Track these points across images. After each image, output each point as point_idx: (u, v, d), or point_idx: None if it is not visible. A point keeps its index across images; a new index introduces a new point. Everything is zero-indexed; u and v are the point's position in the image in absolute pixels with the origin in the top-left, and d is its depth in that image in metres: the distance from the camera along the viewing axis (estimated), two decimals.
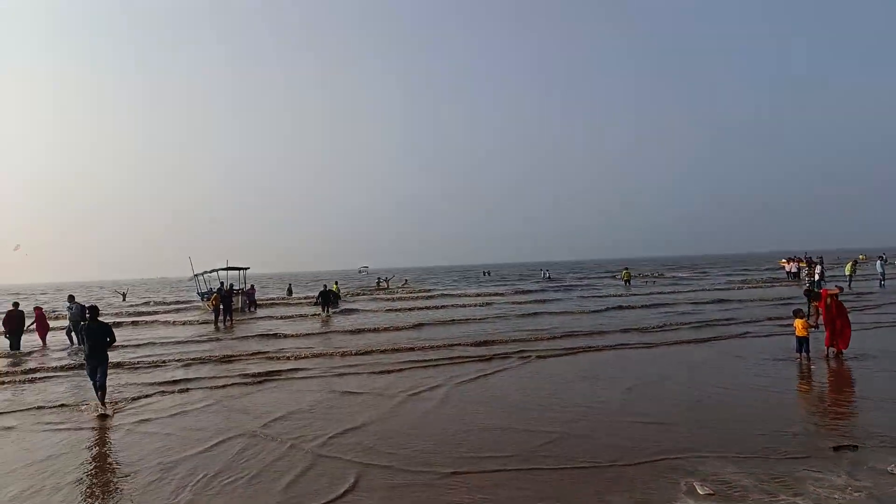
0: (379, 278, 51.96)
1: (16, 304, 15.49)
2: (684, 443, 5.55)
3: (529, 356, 10.91)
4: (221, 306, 19.92)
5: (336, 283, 35.14)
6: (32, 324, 15.53)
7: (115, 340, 7.96)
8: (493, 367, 10.00)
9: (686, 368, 9.39)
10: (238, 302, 24.78)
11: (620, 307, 20.43)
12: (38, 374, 10.70)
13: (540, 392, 8.01)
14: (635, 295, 27.10)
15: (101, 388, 7.69)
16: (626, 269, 42.04)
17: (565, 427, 6.23)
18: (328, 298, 22.43)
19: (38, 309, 16.35)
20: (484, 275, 73.75)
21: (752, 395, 7.47)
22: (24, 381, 10.10)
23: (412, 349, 12.27)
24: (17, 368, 11.39)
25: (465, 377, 9.17)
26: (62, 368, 11.22)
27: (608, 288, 34.05)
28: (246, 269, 30.56)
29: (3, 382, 10.03)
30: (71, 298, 15.78)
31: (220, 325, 19.42)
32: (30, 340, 15.36)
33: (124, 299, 43.24)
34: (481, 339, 13.29)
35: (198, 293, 32.30)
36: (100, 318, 7.98)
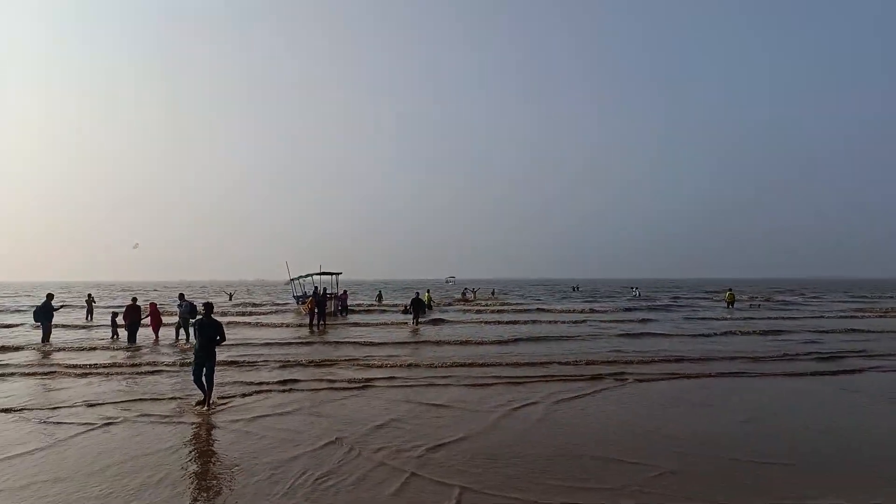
0: (465, 289, 52.15)
1: (134, 300, 17.23)
2: (808, 488, 4.88)
3: (627, 378, 10.23)
4: (316, 310, 20.89)
5: (428, 291, 35.82)
6: (147, 317, 16.96)
7: (224, 339, 8.11)
8: (593, 387, 9.45)
9: (808, 403, 8.34)
10: (331, 306, 25.84)
11: (731, 332, 18.63)
12: (149, 368, 11.49)
13: (645, 418, 7.40)
14: (746, 319, 24.80)
15: (208, 385, 7.91)
16: (730, 290, 38.94)
17: (676, 461, 5.65)
18: (419, 307, 22.56)
19: (152, 304, 17.90)
20: (573, 290, 71.61)
21: (886, 437, 6.43)
22: (136, 374, 10.84)
23: (504, 364, 11.96)
24: (131, 361, 12.46)
25: (562, 396, 8.73)
26: (171, 364, 11.87)
27: (709, 310, 31.38)
28: (338, 274, 31.99)
29: (118, 374, 10.88)
30: (181, 297, 17.29)
31: (315, 328, 20.32)
32: (143, 333, 16.86)
33: (231, 299, 47.06)
34: (579, 357, 12.67)
35: (293, 296, 34.29)
36: (213, 316, 8.14)
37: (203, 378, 7.88)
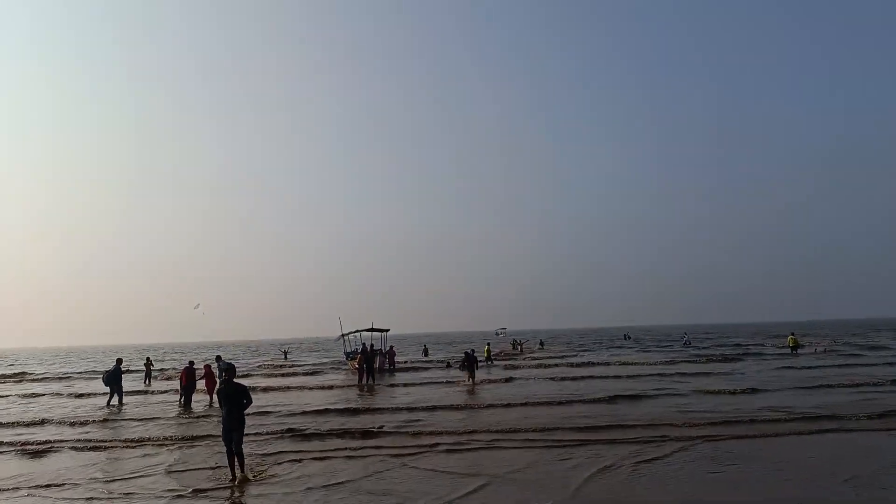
0: (514, 340, 50.69)
1: (191, 363, 17.24)
2: None
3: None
4: (365, 366, 20.51)
5: (488, 345, 35.38)
6: (201, 379, 16.68)
7: (251, 402, 7.45)
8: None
9: None
10: (378, 363, 25.41)
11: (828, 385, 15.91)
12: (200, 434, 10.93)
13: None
14: (820, 367, 22.22)
15: (238, 456, 7.27)
16: (792, 334, 36.05)
17: None
18: (473, 363, 19.86)
19: (206, 366, 17.97)
20: (626, 338, 68.67)
21: None
22: (184, 446, 9.99)
23: (593, 428, 10.24)
24: (176, 434, 11.28)
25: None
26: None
27: (774, 359, 27.73)
28: (386, 330, 31.77)
29: (163, 445, 10.20)
30: (218, 358, 17.25)
31: (365, 384, 19.86)
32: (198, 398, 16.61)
33: (286, 358, 47.42)
34: (686, 419, 10.85)
35: (344, 353, 34.12)
36: (236, 380, 7.52)
37: (233, 447, 7.23)
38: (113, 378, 16.27)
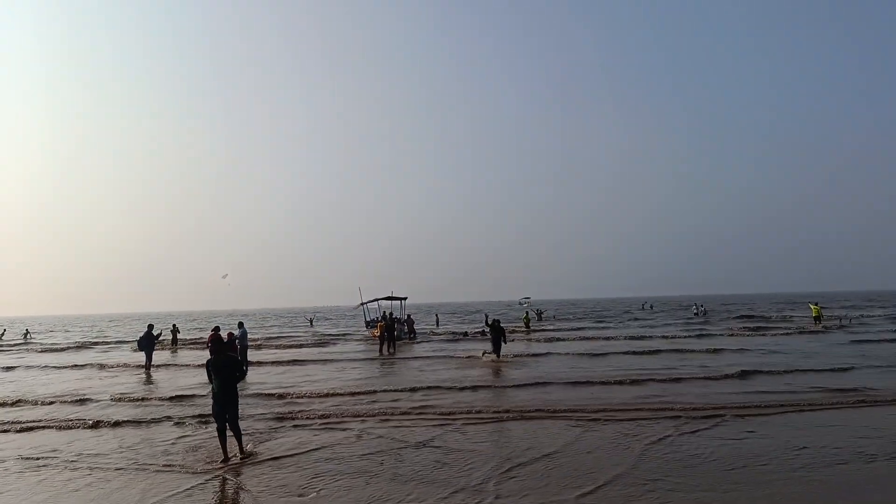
0: (539, 310, 49.50)
1: (217, 329, 17.67)
2: None
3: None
4: (386, 334, 20.76)
5: (527, 312, 35.70)
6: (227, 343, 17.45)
7: (244, 375, 6.76)
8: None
9: None
10: (397, 331, 25.67)
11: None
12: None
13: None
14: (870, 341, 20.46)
15: (235, 431, 6.58)
16: (816, 303, 34.67)
17: None
18: (500, 335, 17.00)
19: (230, 334, 18.39)
20: (646, 307, 68.30)
21: None
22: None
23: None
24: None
25: None
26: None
27: (793, 339, 26.21)
28: (404, 299, 32.02)
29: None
30: (240, 325, 17.65)
31: (385, 352, 20.15)
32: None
33: (311, 325, 48.71)
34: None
35: (365, 322, 34.60)
36: (229, 352, 6.83)
37: (224, 423, 6.53)
38: (146, 342, 17.00)
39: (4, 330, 44.22)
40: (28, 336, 40.54)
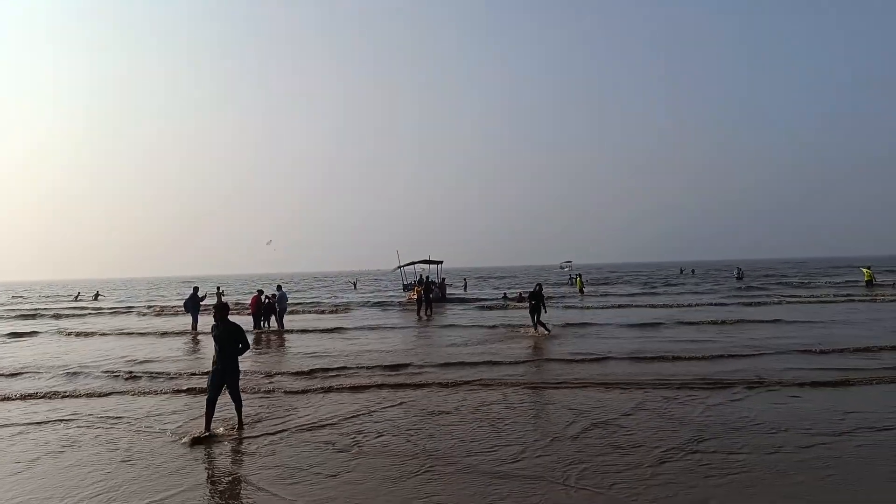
0: (579, 274, 47.12)
1: (260, 291, 18.16)
2: None
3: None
4: (423, 298, 20.62)
5: (579, 276, 35.16)
6: (268, 303, 17.71)
7: (247, 346, 6.30)
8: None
9: None
10: (433, 294, 25.58)
11: None
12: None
13: None
14: None
15: (236, 403, 6.29)
16: (869, 267, 33.61)
17: None
18: (540, 302, 14.61)
19: (271, 295, 18.66)
20: (686, 272, 66.16)
21: None
22: None
23: None
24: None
25: None
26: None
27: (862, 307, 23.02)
28: (440, 262, 31.88)
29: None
30: (279, 287, 18.09)
31: (423, 315, 20.06)
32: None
33: (356, 288, 51.70)
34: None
35: (402, 285, 34.80)
36: (230, 319, 6.38)
37: (229, 396, 6.27)
38: (191, 304, 17.70)
39: (80, 293, 50.87)
40: (98, 297, 44.42)
